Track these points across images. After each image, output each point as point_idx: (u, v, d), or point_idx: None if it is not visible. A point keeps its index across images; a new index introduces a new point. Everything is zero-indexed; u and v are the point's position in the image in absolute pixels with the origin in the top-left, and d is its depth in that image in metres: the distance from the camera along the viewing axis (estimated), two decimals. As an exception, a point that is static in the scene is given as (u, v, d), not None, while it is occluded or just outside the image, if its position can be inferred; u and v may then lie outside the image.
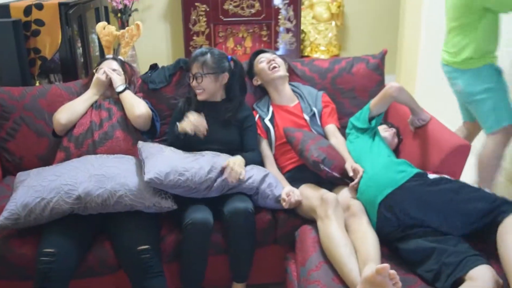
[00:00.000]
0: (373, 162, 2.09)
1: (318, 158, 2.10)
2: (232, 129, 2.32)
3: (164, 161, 2.01)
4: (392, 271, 1.50)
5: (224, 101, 2.36)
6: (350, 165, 2.12)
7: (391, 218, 1.83)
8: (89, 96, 2.32)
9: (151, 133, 2.35)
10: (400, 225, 1.82)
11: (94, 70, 2.38)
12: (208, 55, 2.28)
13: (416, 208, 1.81)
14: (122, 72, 2.39)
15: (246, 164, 2.15)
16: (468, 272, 1.56)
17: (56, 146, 2.28)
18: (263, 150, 2.38)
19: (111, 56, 2.50)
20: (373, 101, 2.31)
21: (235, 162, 2.07)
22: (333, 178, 2.14)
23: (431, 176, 1.96)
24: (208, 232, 1.96)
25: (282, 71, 2.45)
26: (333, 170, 2.11)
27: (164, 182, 1.94)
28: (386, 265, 1.49)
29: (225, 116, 2.30)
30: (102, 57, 2.63)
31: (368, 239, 1.77)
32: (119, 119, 2.27)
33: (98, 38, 2.73)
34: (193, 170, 2.00)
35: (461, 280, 1.57)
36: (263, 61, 2.47)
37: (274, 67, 2.44)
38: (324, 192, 1.99)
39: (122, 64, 2.43)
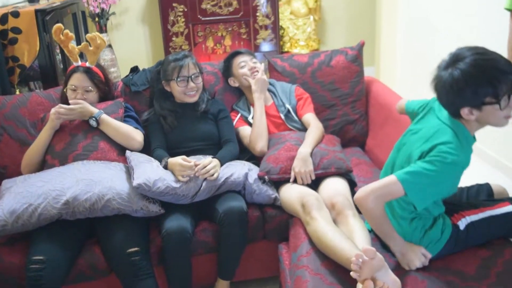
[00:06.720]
0: None
1: (262, 172, 2.15)
2: (209, 122, 2.35)
3: (153, 170, 2.02)
4: None
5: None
6: (293, 168, 2.14)
7: None
8: (47, 136, 2.18)
9: None
10: None
11: (64, 90, 2.30)
12: (190, 57, 2.33)
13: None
14: (96, 89, 2.30)
15: (226, 160, 2.18)
16: None
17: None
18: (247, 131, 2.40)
19: (79, 64, 2.32)
20: None
21: (211, 163, 2.07)
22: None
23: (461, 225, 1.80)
24: (185, 241, 1.95)
25: None
26: (281, 174, 2.14)
27: (152, 188, 1.94)
28: None
29: (200, 108, 2.34)
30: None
31: (356, 233, 1.76)
32: None
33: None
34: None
35: None
36: (244, 66, 2.48)
37: (256, 76, 2.45)
38: (303, 196, 1.97)
39: (93, 75, 2.30)
